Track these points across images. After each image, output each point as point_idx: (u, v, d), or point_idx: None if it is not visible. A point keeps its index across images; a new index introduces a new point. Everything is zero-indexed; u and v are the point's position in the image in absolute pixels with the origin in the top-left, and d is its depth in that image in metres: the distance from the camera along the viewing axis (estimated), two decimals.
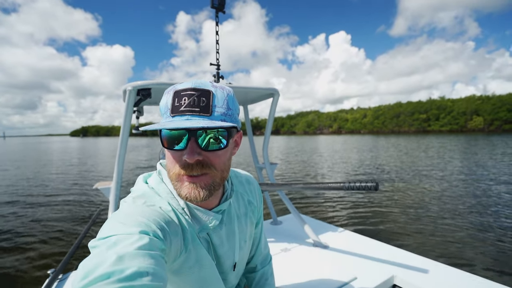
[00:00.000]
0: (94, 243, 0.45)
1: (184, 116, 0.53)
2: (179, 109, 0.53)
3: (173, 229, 0.55)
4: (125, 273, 0.38)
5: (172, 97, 0.55)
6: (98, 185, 1.75)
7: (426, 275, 1.50)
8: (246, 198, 0.79)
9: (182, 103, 0.53)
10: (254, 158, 2.52)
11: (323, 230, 2.26)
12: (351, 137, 66.70)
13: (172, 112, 0.54)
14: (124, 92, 1.60)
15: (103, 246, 0.43)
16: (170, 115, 0.54)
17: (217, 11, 1.89)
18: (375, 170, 10.61)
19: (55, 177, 10.78)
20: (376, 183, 1.22)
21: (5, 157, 21.72)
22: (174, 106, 0.54)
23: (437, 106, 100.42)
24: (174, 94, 0.55)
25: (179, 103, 0.54)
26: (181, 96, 0.54)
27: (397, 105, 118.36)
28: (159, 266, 0.43)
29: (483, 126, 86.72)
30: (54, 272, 1.61)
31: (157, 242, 0.47)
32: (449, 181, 7.99)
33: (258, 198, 0.83)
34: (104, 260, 0.40)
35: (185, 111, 0.53)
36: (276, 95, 2.02)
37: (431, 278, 1.46)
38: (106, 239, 0.44)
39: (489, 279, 1.40)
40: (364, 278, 1.50)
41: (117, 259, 0.40)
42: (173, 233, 0.55)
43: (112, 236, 0.45)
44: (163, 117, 0.57)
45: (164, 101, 0.57)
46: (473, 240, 3.86)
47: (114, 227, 0.47)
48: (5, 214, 5.66)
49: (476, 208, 5.36)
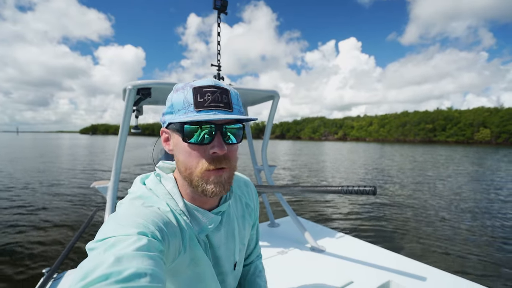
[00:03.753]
0: (92, 245, 0.45)
1: (211, 111, 0.54)
2: (204, 104, 0.55)
3: (171, 230, 0.55)
4: (123, 274, 0.38)
5: (193, 93, 0.55)
6: (95, 184, 1.71)
7: (422, 280, 1.48)
8: (244, 201, 0.81)
9: (206, 98, 0.55)
10: (253, 160, 2.52)
11: (321, 233, 2.25)
12: (356, 144, 66.42)
13: (197, 107, 0.55)
14: (124, 91, 1.57)
15: (101, 248, 0.43)
16: (194, 109, 0.55)
17: (219, 12, 1.88)
18: (381, 177, 10.74)
19: (57, 173, 10.95)
20: (374, 188, 1.22)
21: (16, 151, 22.93)
22: (199, 102, 0.55)
23: (444, 116, 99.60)
24: (195, 90, 0.56)
25: (202, 99, 0.55)
26: (203, 93, 0.55)
27: (404, 114, 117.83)
28: (158, 267, 0.43)
29: (490, 138, 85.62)
30: (49, 271, 1.59)
31: (156, 243, 0.47)
32: (458, 192, 7.95)
33: (255, 201, 0.85)
34: (102, 261, 0.40)
35: (212, 106, 0.55)
36: (276, 97, 2.00)
37: (428, 284, 1.45)
38: (104, 241, 0.44)
39: (486, 285, 1.39)
40: (361, 282, 1.49)
41: (115, 261, 0.40)
42: (171, 234, 0.54)
43: (110, 238, 0.45)
44: (178, 113, 0.57)
45: (181, 97, 0.57)
46: (475, 248, 3.89)
47: (112, 229, 0.47)
48: (4, 207, 5.86)
49: (480, 213, 5.55)
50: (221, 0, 1.87)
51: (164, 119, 0.61)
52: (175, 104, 0.58)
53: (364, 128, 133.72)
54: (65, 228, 4.70)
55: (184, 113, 0.56)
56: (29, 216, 5.36)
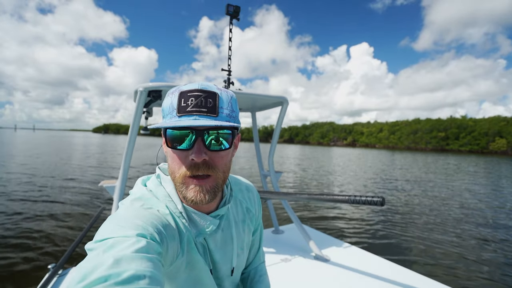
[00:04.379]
0: (91, 246, 0.45)
1: (192, 116, 0.54)
2: (186, 109, 0.54)
3: (170, 232, 0.55)
4: (122, 276, 0.38)
5: (178, 98, 0.55)
6: (103, 183, 1.71)
7: None
8: (245, 206, 0.80)
9: (189, 103, 0.54)
10: (260, 165, 2.51)
11: (326, 242, 2.21)
12: (366, 150, 65.67)
13: (179, 112, 0.55)
14: (135, 93, 1.59)
15: (99, 248, 0.43)
16: (176, 114, 0.55)
17: (231, 18, 1.89)
18: (389, 184, 10.58)
19: (72, 170, 11.19)
20: (382, 199, 1.20)
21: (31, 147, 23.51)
22: (181, 106, 0.55)
23: (458, 125, 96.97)
24: (180, 95, 0.55)
25: (185, 104, 0.54)
26: (187, 97, 0.55)
27: (415, 121, 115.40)
28: (156, 269, 0.43)
29: (507, 148, 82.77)
30: (55, 267, 1.60)
31: (154, 245, 0.47)
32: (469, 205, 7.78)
33: (257, 207, 0.85)
34: (101, 263, 0.40)
35: (193, 111, 0.54)
36: (285, 103, 2.00)
37: None
38: (103, 242, 0.45)
39: None
40: None
41: (114, 262, 0.40)
42: (170, 237, 0.55)
43: (109, 239, 0.45)
44: (166, 117, 0.58)
45: (169, 101, 0.57)
46: (478, 260, 3.85)
47: (111, 230, 0.47)
48: (14, 201, 5.97)
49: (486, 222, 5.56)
50: (233, 6, 1.87)
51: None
52: (164, 109, 0.59)
53: (374, 135, 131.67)
54: (74, 224, 4.77)
55: (169, 118, 0.57)
56: (41, 211, 5.53)
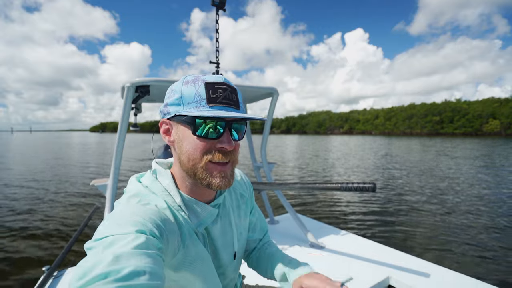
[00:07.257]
0: (90, 245, 0.45)
1: (223, 108, 0.57)
2: (217, 100, 0.57)
3: (169, 226, 0.55)
4: (122, 272, 0.38)
5: (206, 88, 0.57)
6: (95, 182, 1.69)
7: (421, 276, 1.49)
8: (238, 191, 0.83)
9: (219, 95, 0.57)
10: (252, 157, 2.51)
11: (320, 230, 2.24)
12: (362, 138, 65.78)
13: (210, 102, 0.56)
14: (122, 89, 1.55)
15: (99, 246, 0.43)
16: (207, 104, 0.56)
17: (217, 8, 1.85)
18: (383, 171, 10.47)
19: (67, 171, 10.96)
20: (374, 184, 1.22)
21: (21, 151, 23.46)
22: (211, 97, 0.57)
23: (452, 108, 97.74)
24: (207, 85, 0.57)
25: (215, 95, 0.57)
26: (215, 89, 0.57)
27: (410, 106, 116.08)
28: (157, 265, 0.44)
29: (500, 129, 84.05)
30: (49, 269, 1.57)
31: (154, 240, 0.48)
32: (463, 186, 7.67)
33: (249, 190, 0.87)
34: (100, 260, 0.40)
35: (224, 103, 0.57)
36: (275, 94, 2.00)
37: (426, 280, 1.46)
38: (102, 240, 0.45)
39: (483, 280, 1.40)
40: (360, 278, 1.49)
41: (114, 259, 0.40)
42: (169, 231, 0.55)
43: (108, 237, 0.45)
44: (189, 105, 0.58)
45: (192, 90, 0.58)
46: (473, 244, 3.81)
47: (110, 228, 0.47)
48: (5, 205, 5.83)
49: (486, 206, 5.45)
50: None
51: (167, 110, 0.61)
52: (185, 97, 0.58)
53: (370, 122, 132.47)
54: (67, 225, 4.69)
55: (195, 107, 0.57)
56: (35, 212, 5.41)
